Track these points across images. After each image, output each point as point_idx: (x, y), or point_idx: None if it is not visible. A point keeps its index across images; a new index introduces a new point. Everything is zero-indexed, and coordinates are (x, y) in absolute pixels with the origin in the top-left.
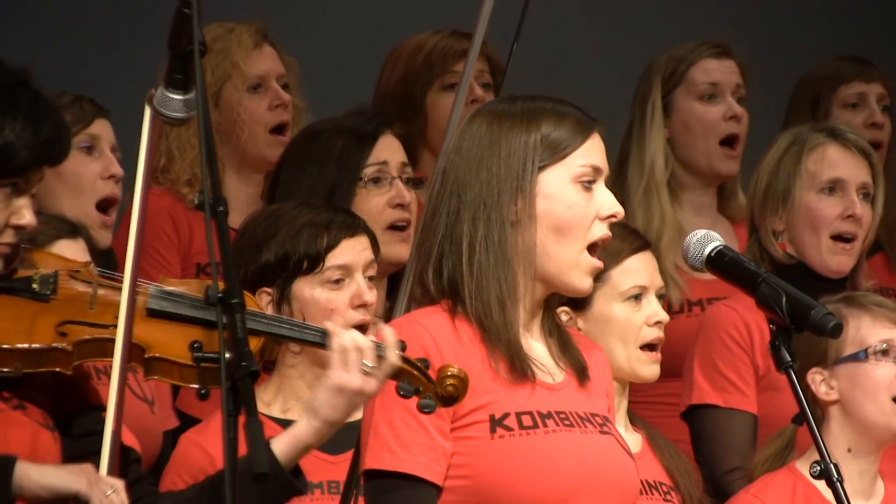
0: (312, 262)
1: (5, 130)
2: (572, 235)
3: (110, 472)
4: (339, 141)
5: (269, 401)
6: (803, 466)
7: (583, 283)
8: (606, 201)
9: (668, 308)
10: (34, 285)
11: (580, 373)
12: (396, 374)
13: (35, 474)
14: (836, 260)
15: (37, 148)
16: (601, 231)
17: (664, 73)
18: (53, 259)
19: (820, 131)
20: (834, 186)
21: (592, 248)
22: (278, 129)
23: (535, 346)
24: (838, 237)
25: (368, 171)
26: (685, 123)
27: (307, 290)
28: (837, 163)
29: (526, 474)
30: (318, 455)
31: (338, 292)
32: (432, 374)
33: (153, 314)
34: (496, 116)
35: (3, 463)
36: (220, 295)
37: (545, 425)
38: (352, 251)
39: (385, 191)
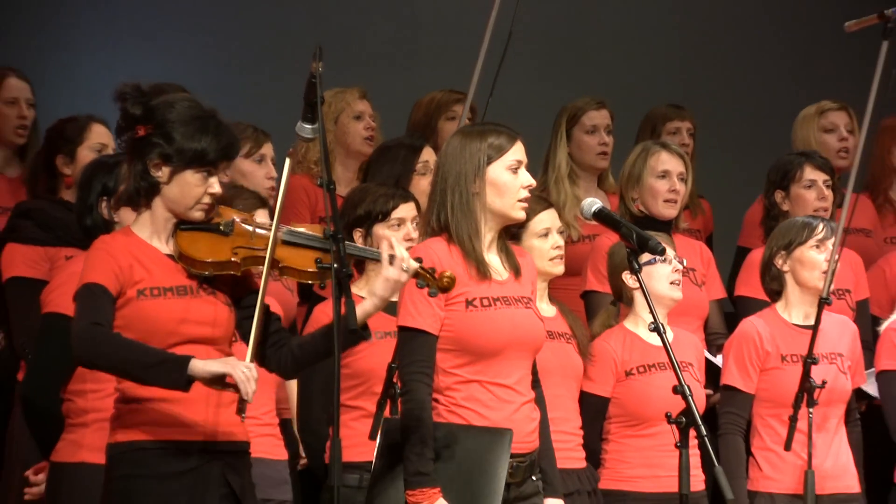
0: (384, 215)
1: (202, 142)
2: (508, 197)
3: (258, 324)
4: (402, 150)
5: (361, 286)
6: (629, 324)
7: (519, 214)
8: (526, 178)
9: (572, 239)
10: (221, 227)
11: (517, 272)
12: (416, 276)
13: (200, 364)
14: (666, 213)
15: (219, 151)
16: (524, 194)
17: (568, 116)
18: (231, 212)
19: (657, 144)
20: (664, 174)
21: (520, 201)
22: (369, 139)
23: (493, 259)
24: (667, 200)
25: (419, 167)
26: (578, 145)
27: (380, 231)
28: (666, 161)
29: (482, 331)
30: (384, 315)
31: (396, 232)
32: (436, 276)
33: (285, 243)
34: (464, 134)
35: (183, 359)
36: (332, 233)
37: (495, 305)
38: (405, 210)
39: (428, 177)
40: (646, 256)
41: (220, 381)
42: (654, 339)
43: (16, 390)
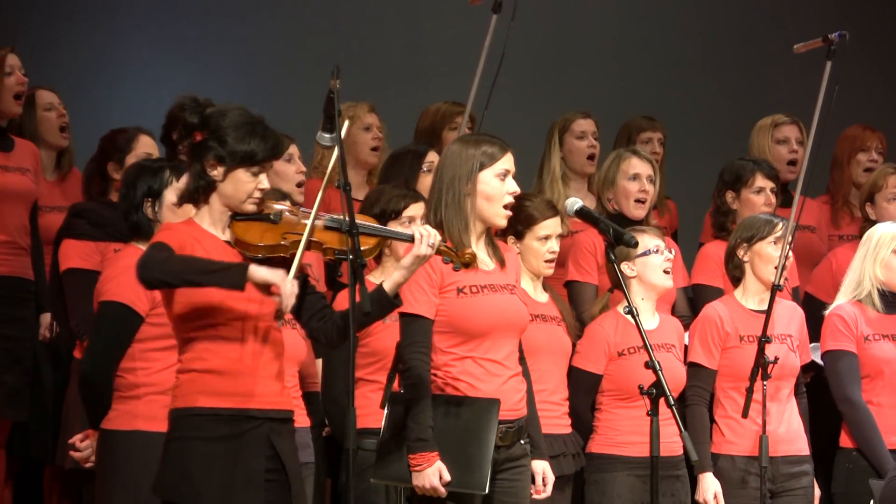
0: (397, 214)
1: (251, 144)
2: (495, 202)
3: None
4: (409, 156)
5: (379, 276)
6: (621, 308)
7: (501, 222)
8: (511, 186)
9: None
10: (271, 216)
11: (502, 263)
12: (441, 253)
13: (255, 269)
14: (636, 212)
15: (266, 152)
16: (509, 199)
17: (560, 126)
18: (278, 204)
19: (628, 150)
20: (635, 177)
21: (505, 207)
22: (374, 149)
23: (480, 252)
24: (637, 200)
25: (425, 167)
26: (569, 150)
27: (394, 227)
28: (637, 165)
29: (471, 315)
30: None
31: (407, 229)
32: (459, 253)
33: (326, 227)
34: (462, 141)
35: (242, 266)
36: (348, 227)
37: (482, 291)
38: (414, 209)
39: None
40: (641, 248)
41: (266, 289)
42: (643, 324)
43: (72, 365)
